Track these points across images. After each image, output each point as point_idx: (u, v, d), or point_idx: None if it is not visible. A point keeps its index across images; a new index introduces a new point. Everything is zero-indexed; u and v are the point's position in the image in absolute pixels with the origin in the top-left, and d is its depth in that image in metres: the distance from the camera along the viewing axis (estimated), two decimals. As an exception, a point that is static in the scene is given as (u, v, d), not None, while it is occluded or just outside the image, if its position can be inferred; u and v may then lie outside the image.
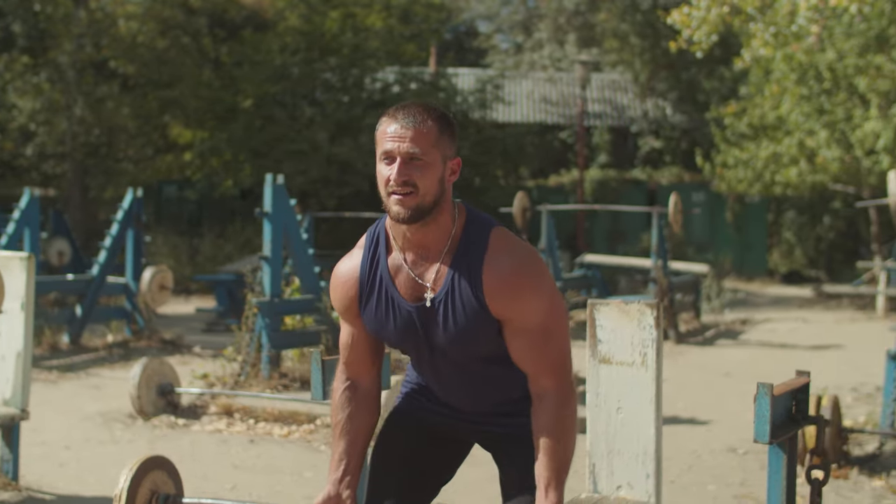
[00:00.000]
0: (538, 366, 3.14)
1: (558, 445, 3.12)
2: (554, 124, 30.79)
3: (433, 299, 3.13)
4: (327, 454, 7.55)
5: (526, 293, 3.08)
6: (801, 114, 19.32)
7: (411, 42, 26.45)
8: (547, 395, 3.14)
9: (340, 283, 3.29)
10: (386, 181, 3.05)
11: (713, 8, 13.38)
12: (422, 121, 3.05)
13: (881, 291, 18.90)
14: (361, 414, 3.34)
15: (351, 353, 3.35)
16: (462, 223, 3.16)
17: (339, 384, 3.36)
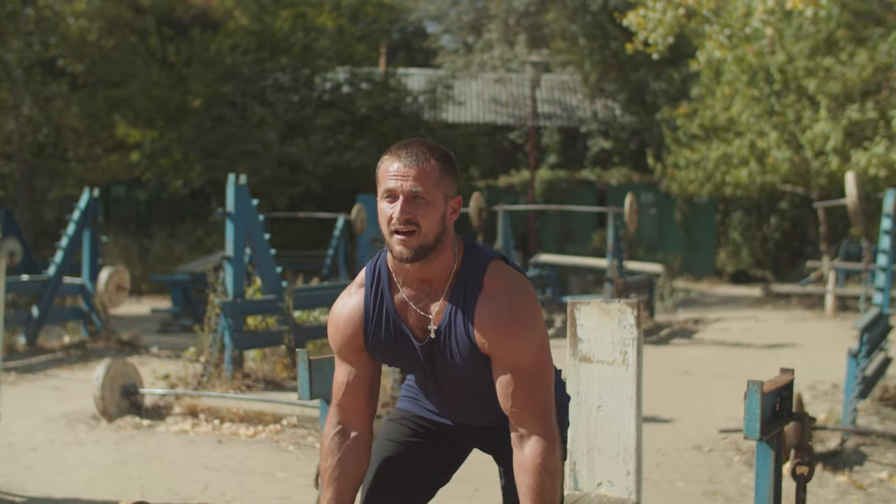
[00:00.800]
0: (523, 407, 3.12)
1: (544, 493, 3.09)
2: (504, 125, 30.88)
3: (436, 331, 3.17)
4: (296, 454, 7.54)
5: (516, 335, 3.10)
6: (751, 115, 19.53)
7: (362, 42, 26.43)
8: (531, 439, 3.12)
9: (343, 322, 3.27)
10: (388, 219, 3.06)
11: (669, 10, 13.49)
12: (425, 160, 3.05)
13: (830, 291, 19.16)
14: (351, 461, 3.28)
15: (346, 395, 3.30)
16: (461, 259, 3.18)
17: (331, 428, 3.30)
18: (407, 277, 3.18)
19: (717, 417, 9.15)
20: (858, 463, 7.56)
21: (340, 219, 17.68)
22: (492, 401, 3.30)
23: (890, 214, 9.96)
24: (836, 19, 16.99)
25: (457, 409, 3.43)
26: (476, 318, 3.11)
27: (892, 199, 10.03)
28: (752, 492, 6.98)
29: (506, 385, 3.13)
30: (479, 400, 3.35)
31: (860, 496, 6.85)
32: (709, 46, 14.21)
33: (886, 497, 6.86)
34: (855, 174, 10.34)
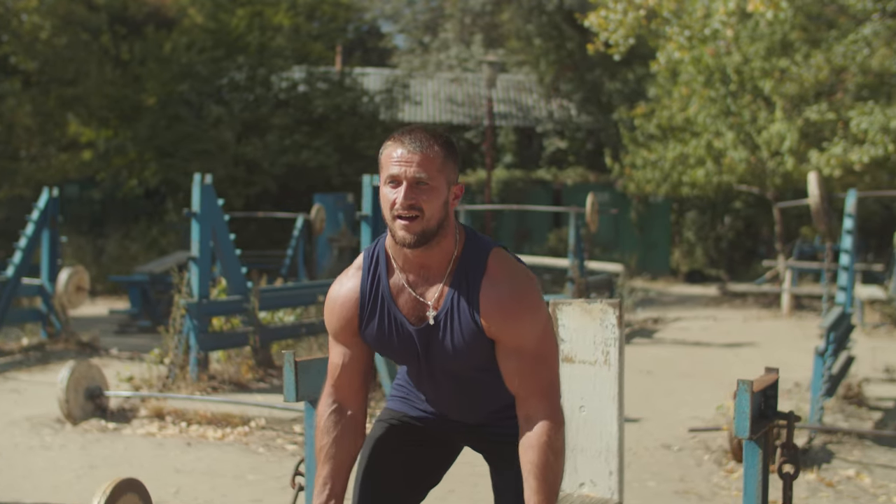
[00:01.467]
0: (529, 388, 3.14)
1: (549, 471, 3.11)
2: (460, 124, 30.89)
3: (435, 317, 3.17)
4: (266, 456, 7.49)
5: (520, 318, 3.11)
6: (708, 115, 19.66)
7: (318, 41, 26.33)
8: (537, 418, 3.13)
9: (339, 305, 3.27)
10: (391, 204, 3.06)
11: (629, 11, 13.54)
12: (428, 146, 3.07)
13: (786, 290, 19.34)
14: (347, 439, 3.31)
15: (340, 377, 3.32)
16: (462, 246, 3.19)
17: (325, 408, 3.32)
18: (406, 262, 3.19)
19: (683, 417, 9.19)
20: (826, 461, 7.63)
21: (300, 219, 17.60)
22: (488, 393, 3.33)
23: (851, 214, 10.06)
24: (791, 21, 17.14)
25: (451, 402, 3.41)
26: (481, 302, 3.12)
27: (853, 200, 10.13)
28: (724, 490, 7.07)
29: (512, 367, 3.15)
30: (474, 392, 3.35)
31: (830, 493, 6.91)
32: (669, 48, 14.27)
33: (855, 494, 6.93)
34: (817, 175, 10.44)
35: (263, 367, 10.19)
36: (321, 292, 11.54)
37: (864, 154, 12.95)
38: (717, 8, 12.63)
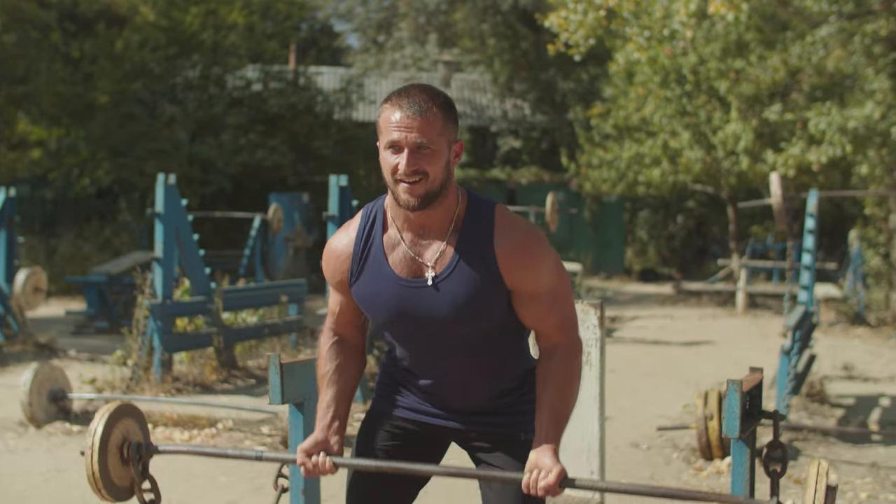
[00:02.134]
0: (550, 325, 3.20)
1: (562, 395, 3.18)
2: (414, 124, 30.85)
3: (435, 278, 3.15)
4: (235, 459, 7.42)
5: (537, 262, 3.13)
6: (664, 115, 19.78)
7: (272, 40, 26.21)
8: (557, 348, 3.20)
9: (333, 257, 3.29)
10: (393, 170, 3.05)
11: (590, 12, 13.58)
12: (427, 108, 3.05)
13: (741, 288, 19.51)
14: (350, 365, 3.39)
15: (339, 318, 3.38)
16: (465, 203, 3.19)
17: (327, 339, 3.39)
18: (406, 222, 3.18)
19: (649, 415, 9.24)
20: (793, 458, 7.70)
21: (257, 218, 17.50)
22: (485, 367, 3.30)
23: (813, 214, 10.16)
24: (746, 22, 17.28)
25: (449, 379, 3.34)
26: (498, 252, 3.12)
27: (814, 200, 10.23)
28: (695, 489, 7.10)
29: (532, 311, 3.18)
30: (473, 366, 3.29)
31: (798, 490, 6.97)
32: (628, 48, 14.33)
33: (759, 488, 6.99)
34: (779, 175, 10.54)
35: (227, 369, 10.13)
36: (283, 292, 11.50)
37: (823, 154, 13.09)
38: (678, 9, 12.70)
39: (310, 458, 3.32)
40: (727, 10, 11.80)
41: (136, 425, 3.68)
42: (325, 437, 3.33)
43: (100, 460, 3.46)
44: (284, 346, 11.34)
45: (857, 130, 12.43)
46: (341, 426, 3.36)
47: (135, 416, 3.70)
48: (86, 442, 3.42)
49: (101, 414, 3.53)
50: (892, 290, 16.37)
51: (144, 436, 3.71)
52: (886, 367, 12.16)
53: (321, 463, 3.31)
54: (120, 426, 3.60)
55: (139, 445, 3.63)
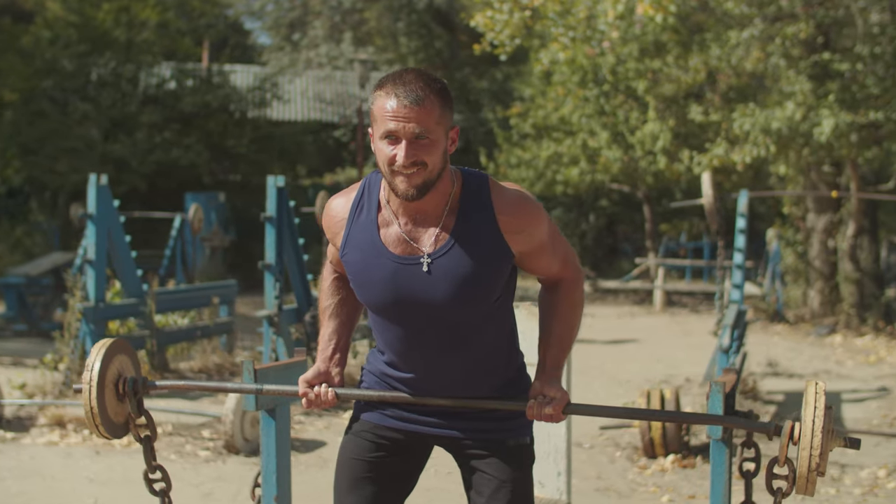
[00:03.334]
0: (556, 268, 3.25)
1: (567, 323, 3.25)
2: (329, 122, 30.72)
3: (430, 261, 3.11)
4: (181, 464, 7.33)
5: (535, 218, 3.14)
6: (583, 115, 19.94)
7: (187, 37, 25.89)
8: (562, 281, 3.27)
9: (330, 217, 3.27)
10: (390, 160, 2.99)
11: (515, 12, 13.64)
12: (425, 96, 2.98)
13: (658, 286, 19.77)
14: (350, 298, 3.40)
15: (338, 263, 3.39)
16: (460, 182, 3.15)
17: (328, 274, 3.43)
18: (401, 206, 3.13)
19: (587, 414, 9.29)
20: (732, 454, 7.80)
21: (178, 218, 17.26)
22: (481, 351, 3.25)
23: (744, 214, 10.32)
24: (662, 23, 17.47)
25: (444, 367, 3.27)
26: (500, 219, 3.11)
27: (745, 200, 10.40)
28: (642, 487, 7.19)
29: (541, 261, 3.21)
30: (469, 351, 3.24)
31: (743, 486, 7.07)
32: (553, 48, 14.42)
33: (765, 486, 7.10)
34: (711, 175, 10.69)
35: (160, 372, 9.98)
36: (215, 294, 11.38)
37: (747, 155, 13.31)
38: (605, 10, 12.81)
39: (311, 389, 3.31)
40: (655, 11, 11.94)
41: (129, 361, 3.63)
42: (326, 368, 3.32)
43: (97, 395, 3.38)
44: (215, 349, 11.21)
45: (781, 131, 12.66)
46: (342, 358, 3.38)
47: (128, 353, 3.65)
48: (83, 377, 3.36)
49: (97, 349, 3.47)
50: (809, 288, 16.71)
51: (137, 371, 3.67)
52: (809, 364, 12.40)
53: (323, 393, 3.30)
54: (115, 362, 3.54)
55: (135, 381, 3.58)
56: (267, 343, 8.79)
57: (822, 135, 12.49)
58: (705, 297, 22.29)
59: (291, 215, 9.21)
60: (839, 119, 12.40)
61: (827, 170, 15.42)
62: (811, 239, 16.26)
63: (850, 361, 12.75)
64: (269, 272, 8.81)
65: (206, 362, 10.66)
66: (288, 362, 4.29)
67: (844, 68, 12.92)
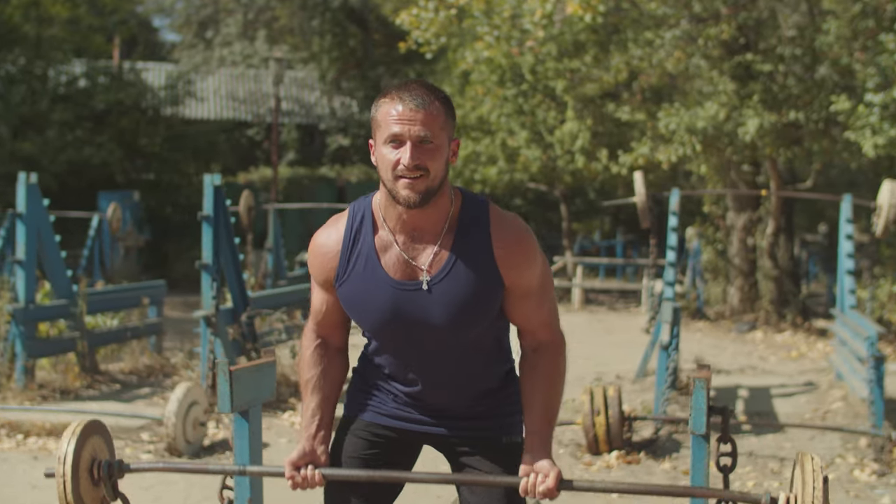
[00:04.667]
0: (537, 322, 3.18)
1: (552, 394, 3.19)
2: (242, 121, 30.43)
3: (430, 281, 3.09)
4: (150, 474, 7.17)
5: (531, 258, 3.11)
6: (502, 114, 20.01)
7: (98, 34, 25.44)
8: (542, 346, 3.20)
9: (321, 254, 3.19)
10: (394, 165, 2.97)
11: (441, 10, 13.64)
12: (430, 102, 2.98)
13: (577, 284, 19.92)
14: (333, 369, 3.32)
15: (324, 318, 3.30)
16: (459, 202, 3.13)
17: (310, 342, 3.32)
18: (399, 223, 3.10)
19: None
20: (675, 450, 7.91)
21: (95, 218, 16.94)
22: (472, 367, 3.26)
23: (676, 212, 10.44)
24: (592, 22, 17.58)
25: (434, 382, 3.28)
26: (497, 249, 3.08)
27: (676, 198, 10.52)
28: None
29: (522, 306, 3.16)
30: (460, 368, 3.25)
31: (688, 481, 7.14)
32: (478, 46, 14.44)
33: (712, 481, 7.18)
34: (642, 174, 10.80)
35: (90, 374, 9.78)
36: (145, 294, 11.19)
37: (673, 154, 13.47)
38: (533, 9, 12.86)
39: (298, 472, 3.24)
40: (584, 11, 12.02)
41: (102, 442, 3.52)
42: (311, 447, 3.26)
43: (73, 484, 3.27)
44: (144, 350, 11.03)
45: (707, 130, 12.84)
46: (327, 435, 3.30)
47: (101, 433, 3.53)
48: (57, 466, 3.24)
49: (69, 434, 3.36)
50: (729, 285, 16.98)
51: (111, 451, 3.56)
52: (734, 360, 12.58)
53: (310, 476, 3.24)
54: (88, 445, 3.43)
55: (110, 465, 3.47)
56: (204, 344, 8.66)
57: (746, 134, 12.69)
58: (621, 295, 22.52)
59: (228, 215, 9.11)
60: (764, 119, 12.62)
61: (746, 169, 15.68)
62: (731, 237, 16.53)
63: (772, 357, 12.97)
64: (207, 272, 8.70)
65: (136, 364, 10.47)
66: (258, 363, 4.21)
67: (767, 69, 13.14)
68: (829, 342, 13.60)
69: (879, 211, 9.90)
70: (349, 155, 30.37)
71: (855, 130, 12.35)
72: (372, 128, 3.08)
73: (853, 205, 10.45)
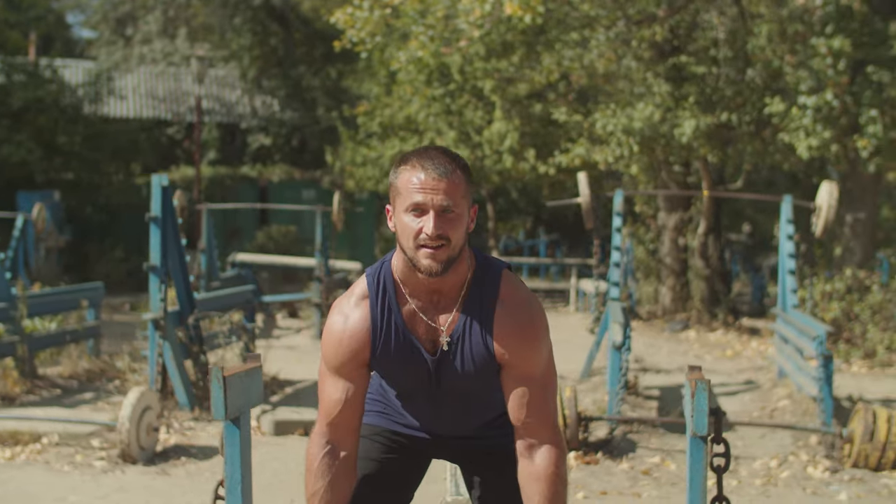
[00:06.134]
0: (536, 417, 3.09)
1: (559, 502, 3.10)
2: (162, 120, 30.01)
3: (449, 342, 3.09)
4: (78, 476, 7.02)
5: (532, 345, 3.07)
6: (430, 114, 19.99)
7: (15, 30, 24.89)
8: (543, 448, 3.11)
9: (347, 336, 3.12)
10: (416, 234, 2.95)
11: (376, 9, 13.58)
12: (452, 170, 2.96)
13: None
14: (342, 482, 3.18)
15: (340, 414, 3.16)
16: (474, 267, 3.12)
17: (319, 449, 3.17)
18: (416, 288, 3.09)
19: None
20: (631, 450, 7.96)
21: (20, 218, 16.53)
22: (487, 406, 3.30)
23: (620, 213, 10.51)
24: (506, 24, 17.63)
25: (449, 420, 3.34)
26: (496, 328, 3.06)
27: (620, 199, 10.59)
28: None
29: (519, 396, 3.09)
30: (475, 407, 3.30)
31: (649, 481, 7.20)
32: (412, 46, 14.39)
33: (672, 480, 7.25)
34: (586, 175, 10.86)
35: (29, 379, 9.55)
36: (83, 297, 10.97)
37: (610, 154, 13.57)
38: (470, 9, 12.85)
39: None
40: (524, 11, 12.05)
41: None
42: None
43: None
44: (82, 353, 10.81)
45: (644, 131, 12.95)
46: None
47: None
48: None
49: None
50: (660, 285, 17.15)
51: None
52: (671, 359, 12.70)
53: None
54: None
55: None
56: (152, 347, 8.50)
57: (682, 136, 12.83)
58: (547, 294, 22.63)
59: (175, 216, 8.95)
60: (700, 121, 12.76)
61: (677, 169, 15.84)
62: (662, 237, 16.70)
63: (708, 356, 13.11)
64: (155, 274, 8.54)
65: (75, 368, 10.25)
66: (246, 367, 4.14)
67: (700, 71, 13.29)
68: (765, 341, 13.81)
69: (819, 212, 10.07)
70: (270, 154, 30.09)
71: (789, 133, 12.56)
72: (390, 194, 3.06)
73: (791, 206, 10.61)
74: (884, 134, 12.13)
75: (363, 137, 22.97)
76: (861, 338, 12.00)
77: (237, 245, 25.60)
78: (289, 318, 16.41)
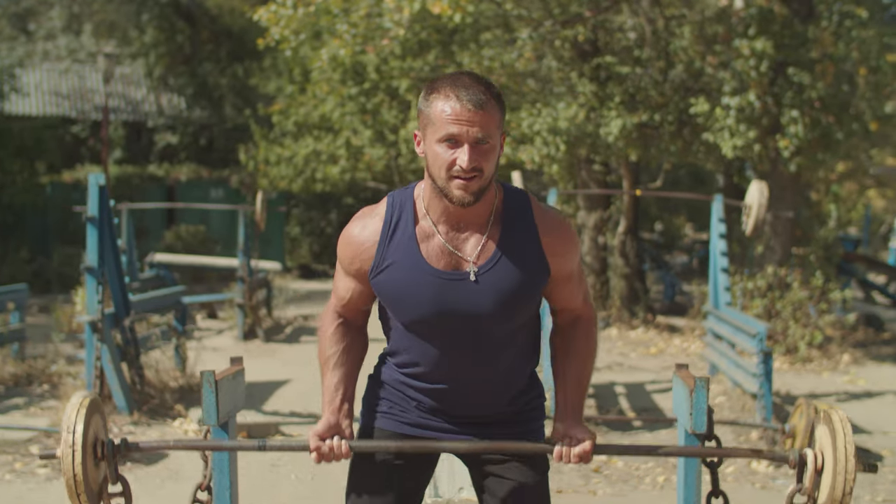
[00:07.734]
0: (578, 300, 3.27)
1: (586, 365, 3.29)
2: (67, 117, 29.39)
3: (477, 272, 3.09)
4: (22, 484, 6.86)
5: (573, 244, 3.19)
6: (345, 113, 19.91)
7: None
8: (579, 320, 3.29)
9: (356, 244, 3.17)
10: (449, 165, 2.95)
11: (300, 7, 13.47)
12: (486, 100, 2.96)
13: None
14: (355, 346, 3.31)
15: (348, 304, 3.29)
16: (501, 194, 3.14)
17: (331, 321, 3.31)
18: (444, 215, 3.08)
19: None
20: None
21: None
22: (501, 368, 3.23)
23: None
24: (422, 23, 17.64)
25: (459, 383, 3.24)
26: (544, 239, 3.12)
27: (555, 197, 10.64)
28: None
29: (567, 289, 3.23)
30: (490, 366, 3.21)
31: (601, 479, 7.27)
32: (334, 44, 14.29)
33: (623, 477, 7.32)
34: (520, 173, 10.88)
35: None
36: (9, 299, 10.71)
37: (536, 154, 13.62)
38: (398, 7, 12.79)
39: (324, 443, 3.20)
40: (453, 11, 12.05)
41: (101, 422, 3.38)
42: (336, 420, 3.22)
43: (82, 461, 3.15)
44: (6, 357, 10.53)
45: (571, 131, 13.03)
46: (350, 409, 3.27)
47: (100, 412, 3.39)
48: (64, 439, 3.09)
49: (75, 408, 3.20)
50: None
51: (106, 431, 3.41)
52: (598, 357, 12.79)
53: (336, 447, 3.20)
54: (93, 423, 3.28)
55: (114, 444, 3.33)
56: (90, 350, 8.32)
57: (609, 135, 12.95)
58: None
59: (111, 216, 8.79)
60: (626, 120, 12.90)
61: (597, 168, 15.98)
62: (582, 236, 16.81)
63: (633, 353, 13.25)
64: (92, 275, 8.37)
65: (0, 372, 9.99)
66: (233, 370, 4.09)
67: (625, 71, 13.43)
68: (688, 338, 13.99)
69: (749, 210, 10.23)
70: (177, 153, 29.66)
71: (713, 133, 12.75)
72: (420, 121, 3.05)
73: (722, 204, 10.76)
74: (804, 134, 12.38)
75: (277, 136, 22.78)
76: (783, 334, 12.23)
77: (145, 245, 25.19)
78: (208, 319, 16.18)
